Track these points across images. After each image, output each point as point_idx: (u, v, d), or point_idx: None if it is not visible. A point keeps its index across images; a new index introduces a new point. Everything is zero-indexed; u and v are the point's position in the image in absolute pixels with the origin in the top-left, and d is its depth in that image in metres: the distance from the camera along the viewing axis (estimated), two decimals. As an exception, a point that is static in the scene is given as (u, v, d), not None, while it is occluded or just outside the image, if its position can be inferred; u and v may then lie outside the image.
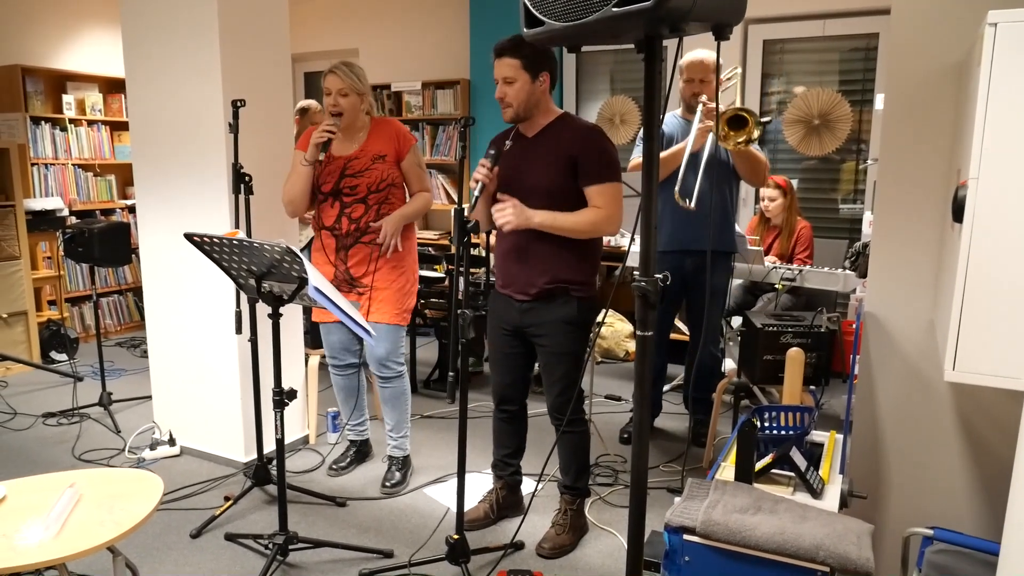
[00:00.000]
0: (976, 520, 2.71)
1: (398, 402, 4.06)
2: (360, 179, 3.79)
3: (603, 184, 3.18)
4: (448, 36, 7.74)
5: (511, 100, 3.20)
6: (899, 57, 2.65)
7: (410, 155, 3.87)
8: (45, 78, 6.94)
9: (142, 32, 4.20)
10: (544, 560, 3.39)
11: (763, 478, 2.49)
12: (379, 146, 3.82)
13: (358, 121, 3.83)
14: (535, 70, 3.17)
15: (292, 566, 3.33)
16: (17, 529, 2.39)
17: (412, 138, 3.91)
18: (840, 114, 6.00)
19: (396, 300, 3.89)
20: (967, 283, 1.85)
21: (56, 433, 4.83)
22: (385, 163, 3.80)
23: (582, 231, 3.19)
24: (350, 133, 3.85)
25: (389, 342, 3.92)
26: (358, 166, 3.80)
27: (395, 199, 3.88)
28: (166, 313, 4.47)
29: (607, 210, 3.18)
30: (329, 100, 3.73)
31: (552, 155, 3.20)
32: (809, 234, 5.30)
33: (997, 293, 1.81)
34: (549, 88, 3.26)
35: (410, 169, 3.89)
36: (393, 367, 3.98)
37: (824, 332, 3.63)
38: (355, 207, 3.82)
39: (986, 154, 1.81)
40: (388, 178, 3.81)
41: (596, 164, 3.17)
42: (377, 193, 3.80)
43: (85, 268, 7.12)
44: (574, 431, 3.44)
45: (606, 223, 3.19)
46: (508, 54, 3.16)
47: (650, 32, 1.82)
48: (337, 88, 3.71)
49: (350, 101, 3.73)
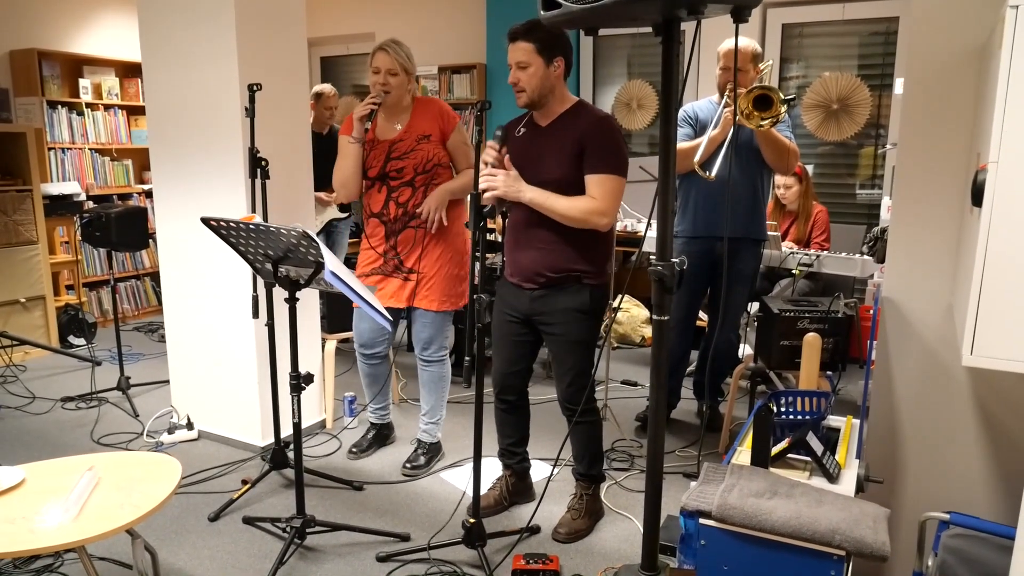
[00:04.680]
0: (993, 505, 2.70)
1: (436, 386, 4.05)
2: (406, 160, 3.77)
3: (601, 175, 3.11)
4: (464, 20, 7.72)
5: (524, 85, 3.14)
6: (919, 40, 2.62)
7: (455, 133, 3.83)
8: (62, 62, 6.96)
9: (158, 16, 4.21)
10: (560, 544, 3.40)
11: (779, 463, 2.48)
12: (424, 126, 3.79)
13: (403, 101, 3.81)
14: (549, 55, 3.12)
15: (309, 549, 3.35)
16: (37, 512, 2.42)
17: (456, 116, 3.87)
18: (859, 99, 5.95)
19: (443, 287, 3.87)
20: (986, 267, 1.83)
21: (75, 417, 4.87)
22: (430, 143, 3.77)
23: (572, 218, 3.11)
24: (394, 114, 3.83)
25: (433, 328, 3.91)
26: (403, 148, 3.78)
27: (440, 180, 3.84)
28: (183, 298, 4.49)
29: (602, 203, 3.10)
30: (378, 78, 3.71)
31: (565, 146, 3.15)
32: (825, 218, 5.28)
33: (1016, 277, 1.80)
34: (564, 74, 3.21)
35: (456, 147, 3.85)
36: (435, 351, 3.97)
37: (841, 317, 3.61)
38: (402, 191, 3.80)
39: (1006, 138, 1.79)
40: (434, 158, 3.78)
41: (598, 153, 3.11)
42: (424, 174, 3.78)
43: (102, 253, 7.16)
44: (586, 421, 3.42)
45: (597, 216, 3.10)
46: (522, 38, 3.11)
47: (668, 15, 1.81)
48: (387, 67, 3.69)
49: (399, 80, 3.72)
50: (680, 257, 2.31)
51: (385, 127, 3.84)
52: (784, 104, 3.69)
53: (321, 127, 5.93)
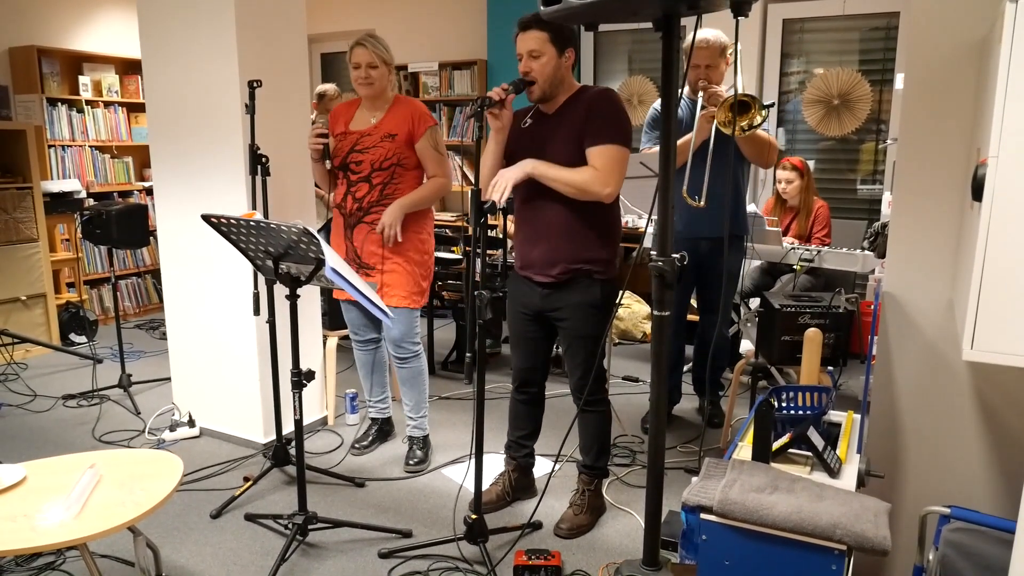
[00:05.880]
0: (993, 499, 2.70)
1: (415, 382, 4.06)
2: (365, 155, 3.79)
3: (602, 145, 3.07)
4: (465, 16, 7.72)
5: (537, 75, 3.09)
6: (919, 35, 2.62)
7: (425, 137, 3.80)
8: (61, 59, 6.95)
9: (158, 12, 4.20)
10: (562, 540, 3.40)
11: (780, 458, 2.48)
12: (393, 124, 3.79)
13: (386, 93, 3.83)
14: (562, 44, 3.09)
15: (312, 546, 3.36)
16: (38, 510, 2.42)
17: (430, 120, 3.84)
18: (860, 94, 5.95)
19: (404, 283, 3.87)
20: (986, 262, 1.83)
21: (76, 415, 4.87)
22: (394, 142, 3.77)
23: (574, 186, 3.07)
24: (375, 107, 3.84)
25: (402, 324, 3.91)
26: (367, 142, 3.79)
27: (402, 181, 3.82)
28: (184, 295, 4.49)
29: (603, 173, 3.06)
30: (359, 73, 3.73)
31: (571, 129, 3.13)
32: (826, 213, 5.27)
33: (1016, 272, 1.80)
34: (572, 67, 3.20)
35: (424, 152, 3.82)
36: (408, 348, 3.98)
37: (842, 312, 3.61)
38: (359, 186, 3.82)
39: (1006, 133, 1.78)
40: (394, 157, 3.77)
41: (597, 123, 3.08)
42: (381, 172, 3.78)
43: (103, 250, 7.16)
44: (596, 411, 3.43)
45: (599, 185, 3.07)
46: (535, 27, 3.06)
47: (668, 10, 1.81)
48: (367, 61, 3.71)
49: (379, 72, 3.75)
50: (681, 253, 2.32)
51: (361, 118, 3.87)
52: (763, 110, 3.69)
53: (323, 125, 5.92)
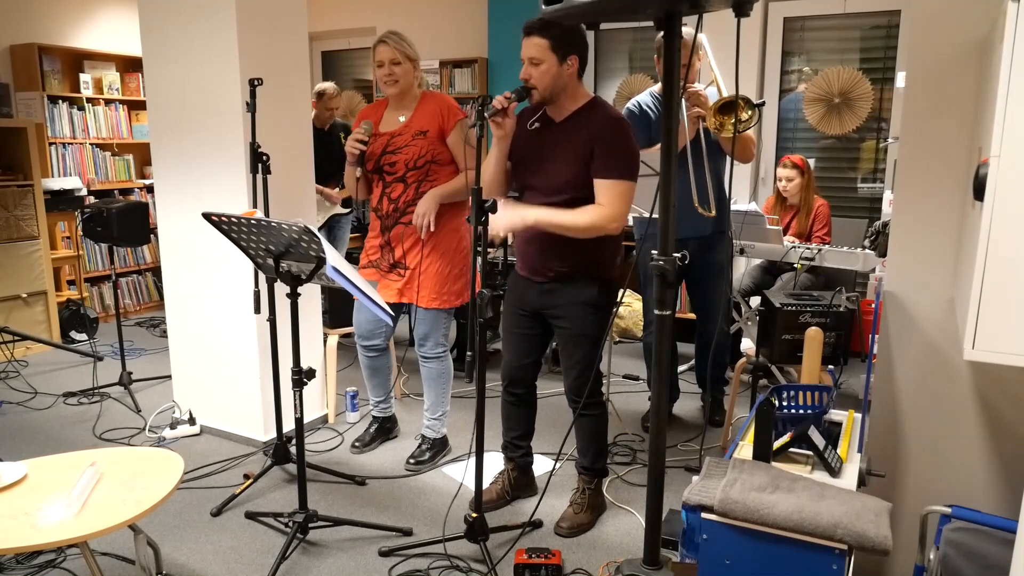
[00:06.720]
0: (994, 499, 2.70)
1: (436, 382, 4.02)
2: (399, 155, 3.75)
3: (611, 180, 3.07)
4: (466, 14, 7.71)
5: (536, 82, 3.07)
6: (921, 34, 2.62)
7: (456, 131, 3.75)
8: (62, 57, 6.95)
9: (159, 10, 4.20)
10: (562, 539, 3.40)
11: (781, 457, 2.48)
12: (423, 121, 3.75)
13: (412, 90, 3.80)
14: (564, 52, 3.05)
15: (312, 544, 3.36)
16: (39, 507, 2.42)
17: (459, 113, 3.79)
18: (861, 92, 5.95)
19: (435, 284, 3.81)
20: (987, 261, 1.83)
21: (76, 412, 4.87)
22: (426, 139, 3.72)
23: (581, 230, 3.07)
24: (402, 105, 3.82)
25: (427, 325, 3.88)
26: (399, 142, 3.76)
27: (438, 178, 3.77)
28: (185, 293, 4.49)
29: (611, 209, 3.06)
30: (383, 71, 3.70)
31: (577, 145, 3.10)
32: (827, 211, 5.27)
33: (1018, 271, 1.80)
34: (579, 73, 3.15)
35: (455, 146, 3.77)
36: (432, 348, 3.94)
37: (843, 311, 3.60)
38: (394, 186, 3.79)
39: (1008, 132, 1.78)
40: (427, 155, 3.72)
41: (608, 157, 3.07)
42: (415, 171, 3.74)
43: (104, 248, 7.16)
44: (592, 414, 3.42)
45: (606, 222, 3.06)
46: (537, 33, 3.03)
47: (670, 9, 1.81)
48: (390, 58, 3.69)
49: (404, 68, 3.71)
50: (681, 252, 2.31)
51: (389, 118, 3.83)
52: (752, 109, 3.68)
53: (323, 123, 5.92)
